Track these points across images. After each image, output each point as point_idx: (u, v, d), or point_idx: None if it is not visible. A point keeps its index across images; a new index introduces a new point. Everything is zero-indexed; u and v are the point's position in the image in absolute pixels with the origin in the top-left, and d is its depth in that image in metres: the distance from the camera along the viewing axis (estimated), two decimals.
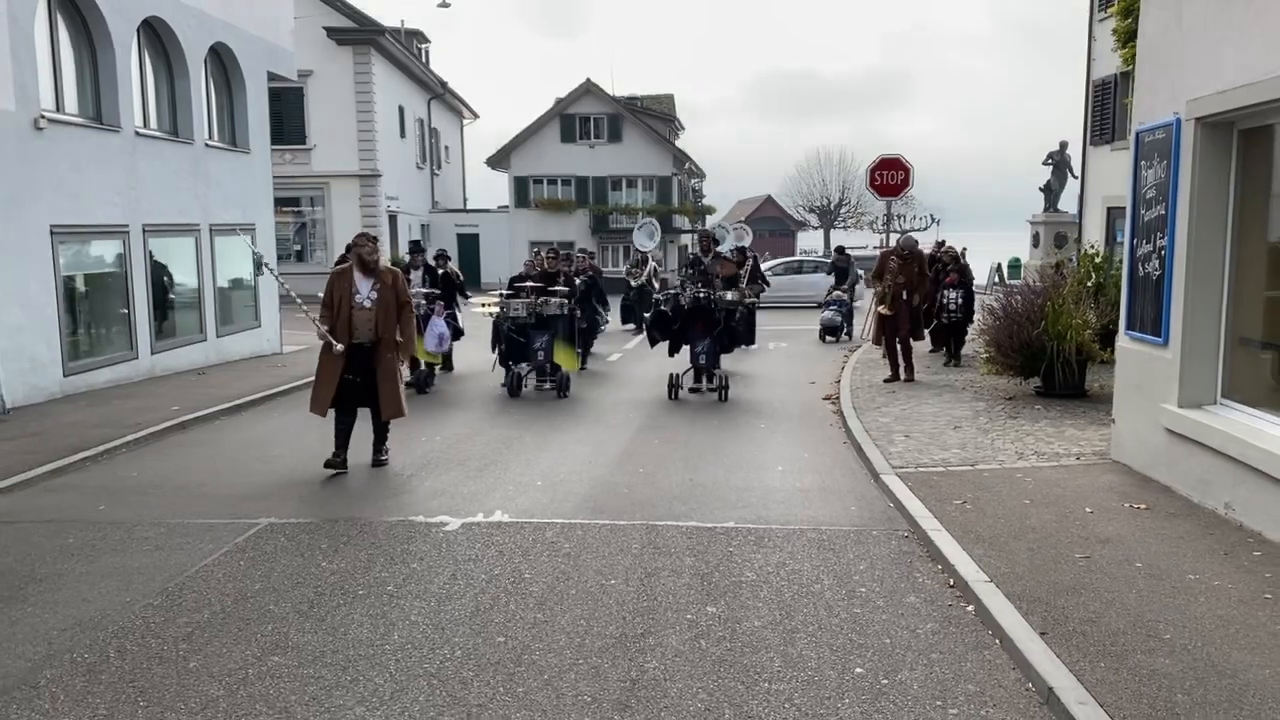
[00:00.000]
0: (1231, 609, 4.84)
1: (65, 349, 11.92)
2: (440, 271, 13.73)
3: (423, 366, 12.63)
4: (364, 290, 8.08)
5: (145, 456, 9.03)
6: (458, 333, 13.91)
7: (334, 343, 7.94)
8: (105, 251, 13.07)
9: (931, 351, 15.15)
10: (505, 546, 6.12)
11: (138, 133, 13.51)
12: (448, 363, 14.15)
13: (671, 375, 12.02)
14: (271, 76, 17.58)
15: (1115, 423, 8.18)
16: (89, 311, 12.86)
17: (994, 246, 37.91)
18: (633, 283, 20.91)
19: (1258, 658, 4.29)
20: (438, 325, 12.50)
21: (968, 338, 14.77)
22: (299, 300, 9.11)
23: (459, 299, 14.10)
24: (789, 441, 9.55)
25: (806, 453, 9.03)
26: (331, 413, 8.15)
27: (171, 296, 14.65)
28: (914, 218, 41.55)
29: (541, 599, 5.22)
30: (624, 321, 20.64)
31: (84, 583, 5.54)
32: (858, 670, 4.36)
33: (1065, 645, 4.44)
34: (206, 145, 15.35)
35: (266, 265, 10.53)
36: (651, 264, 21.30)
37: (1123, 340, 8.09)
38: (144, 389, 12.55)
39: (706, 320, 11.99)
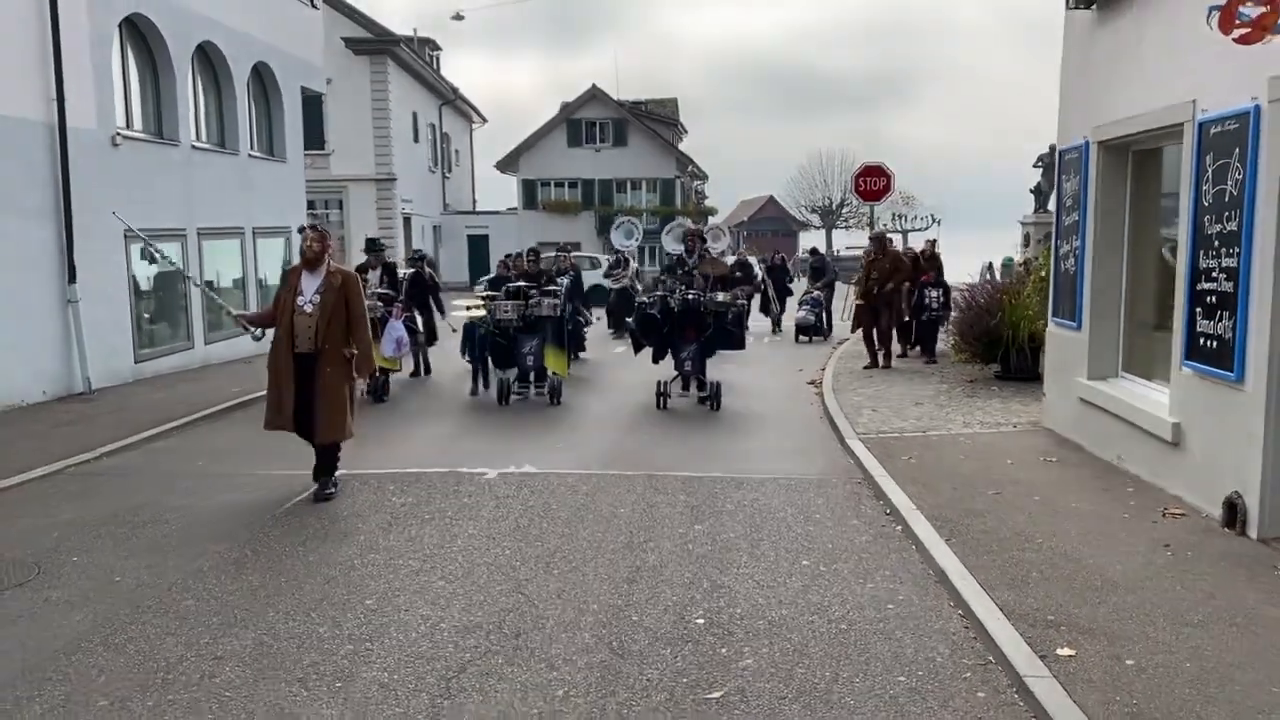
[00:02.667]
0: (1094, 524, 6.34)
1: (136, 339, 13.49)
2: (411, 271, 13.28)
3: (378, 373, 11.10)
4: (307, 292, 7.07)
5: (221, 427, 10.56)
6: (431, 336, 13.54)
7: (249, 328, 7.56)
8: (167, 253, 14.59)
9: (912, 348, 15.52)
10: (535, 488, 7.65)
11: (193, 146, 15.09)
12: (426, 368, 13.72)
13: (659, 383, 11.43)
14: (300, 89, 19.16)
15: (1045, 396, 9.69)
16: (153, 306, 14.42)
17: (993, 246, 39.20)
18: (614, 285, 20.06)
19: (1099, 551, 5.79)
20: (395, 329, 11.74)
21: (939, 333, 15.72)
22: (209, 293, 10.62)
23: (434, 302, 13.59)
24: (774, 415, 11.05)
25: (787, 424, 10.54)
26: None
27: (219, 295, 16.20)
28: (915, 217, 42.77)
29: (567, 520, 6.74)
30: (608, 326, 20.08)
31: (207, 511, 7.08)
32: (804, 562, 5.87)
33: (962, 546, 5.94)
34: (249, 155, 16.93)
35: (158, 255, 9.54)
36: (634, 265, 20.48)
37: (1050, 326, 9.60)
38: (202, 375, 14.11)
39: (696, 324, 11.34)
